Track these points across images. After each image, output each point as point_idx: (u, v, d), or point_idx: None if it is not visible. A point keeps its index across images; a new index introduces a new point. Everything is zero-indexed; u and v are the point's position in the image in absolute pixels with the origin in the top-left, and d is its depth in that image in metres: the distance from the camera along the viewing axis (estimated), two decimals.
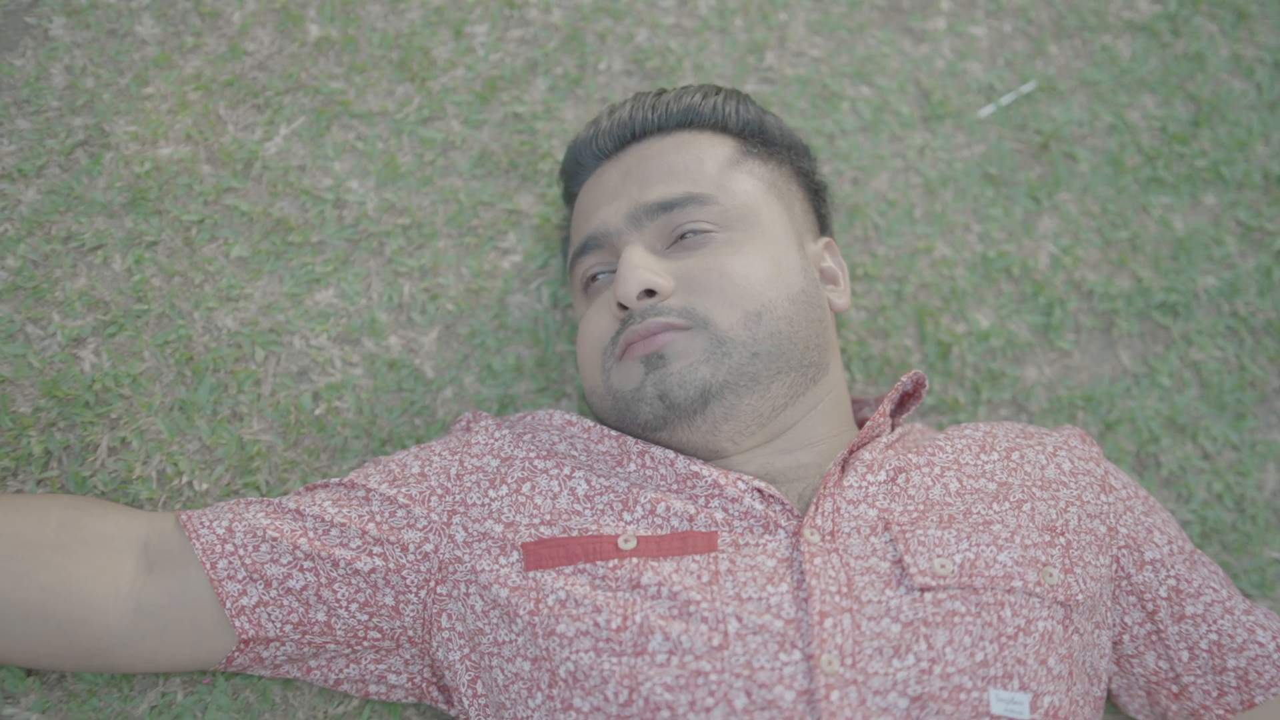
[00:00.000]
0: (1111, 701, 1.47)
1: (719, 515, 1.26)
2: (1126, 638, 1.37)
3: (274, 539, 1.31)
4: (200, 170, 1.58)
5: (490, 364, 1.59)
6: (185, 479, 1.48)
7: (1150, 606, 1.36)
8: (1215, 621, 1.36)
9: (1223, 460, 1.66)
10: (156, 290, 1.53)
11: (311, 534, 1.31)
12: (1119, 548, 1.35)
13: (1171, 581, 1.36)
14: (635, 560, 1.23)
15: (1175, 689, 1.38)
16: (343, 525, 1.32)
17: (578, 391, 1.60)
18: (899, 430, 1.40)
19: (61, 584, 1.25)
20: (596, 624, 1.20)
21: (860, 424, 1.49)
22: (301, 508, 1.33)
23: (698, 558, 1.23)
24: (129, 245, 1.54)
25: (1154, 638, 1.37)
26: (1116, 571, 1.35)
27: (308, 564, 1.30)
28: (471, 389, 1.58)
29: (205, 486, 1.48)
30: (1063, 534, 1.29)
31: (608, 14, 1.73)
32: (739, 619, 1.17)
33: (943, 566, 1.22)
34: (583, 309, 1.43)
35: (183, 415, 1.50)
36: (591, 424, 1.38)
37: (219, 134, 1.60)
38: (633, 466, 1.33)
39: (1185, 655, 1.36)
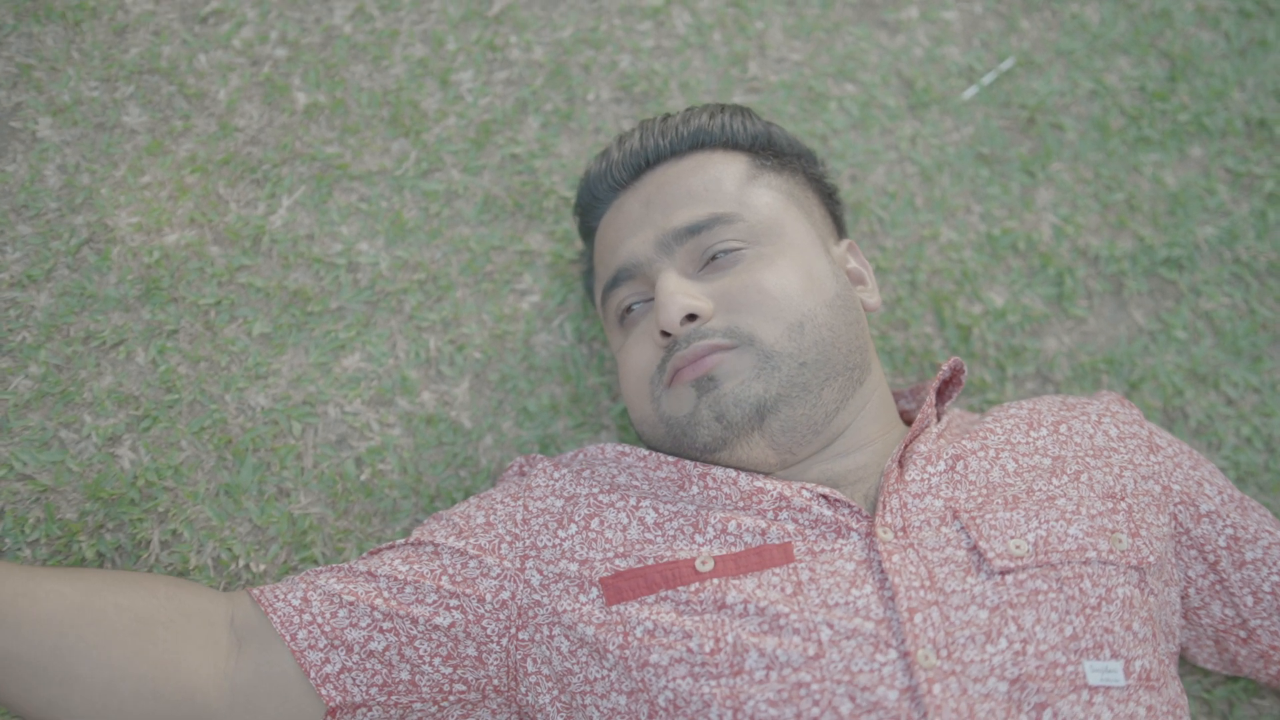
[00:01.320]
0: (1181, 654, 1.51)
1: (790, 526, 1.29)
2: (1192, 590, 1.42)
3: (350, 603, 1.32)
4: (209, 252, 1.60)
5: (525, 406, 1.61)
6: (241, 562, 1.49)
7: (1212, 558, 1.40)
8: (1276, 563, 1.40)
9: (1246, 404, 1.71)
10: (184, 378, 1.54)
11: (387, 594, 1.33)
12: (1175, 505, 1.39)
13: (1229, 530, 1.40)
14: (716, 581, 1.26)
15: (1243, 634, 1.42)
16: (416, 582, 1.33)
17: (616, 423, 1.63)
18: (945, 418, 1.44)
19: (172, 661, 1.25)
20: (689, 649, 1.22)
21: (902, 417, 1.53)
22: (373, 569, 1.35)
23: (777, 570, 1.26)
24: (150, 337, 1.55)
25: (1218, 587, 1.41)
26: (1176, 529, 1.39)
27: (387, 624, 1.32)
28: (511, 434, 1.60)
29: (262, 567, 1.49)
30: (1123, 499, 1.33)
31: (588, 44, 1.75)
32: (830, 626, 1.20)
33: (1018, 547, 1.25)
34: (620, 341, 1.45)
35: (230, 499, 1.51)
36: (647, 452, 1.40)
37: (222, 214, 1.62)
38: (695, 489, 1.35)
39: (1250, 600, 1.40)
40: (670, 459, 1.38)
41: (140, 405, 1.53)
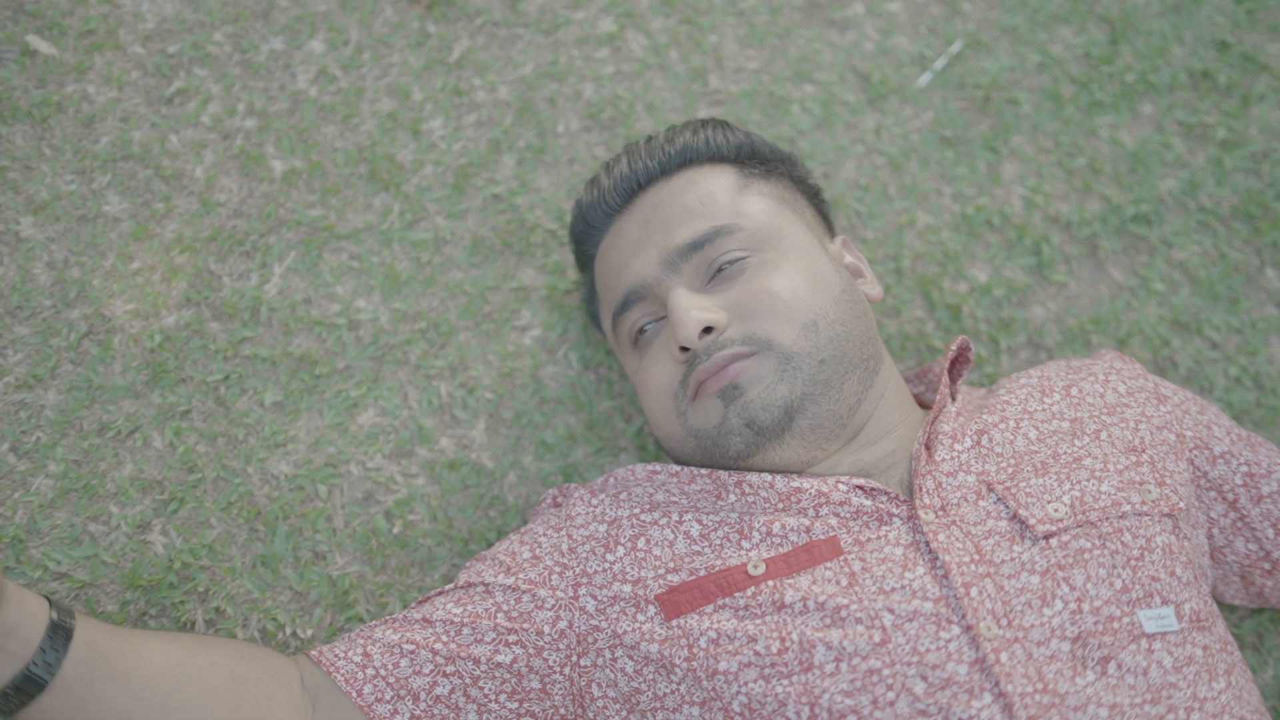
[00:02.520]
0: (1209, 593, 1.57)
1: (833, 520, 1.34)
2: (1215, 530, 1.48)
3: (411, 651, 1.35)
4: (209, 329, 1.62)
5: (543, 439, 1.65)
6: (288, 630, 1.51)
7: (1230, 496, 1.46)
8: None
9: (1231, 346, 1.78)
10: (204, 456, 1.56)
11: (445, 638, 1.36)
12: (1190, 450, 1.45)
13: (1244, 468, 1.46)
14: (771, 583, 1.30)
15: (1267, 566, 1.49)
16: (473, 623, 1.36)
17: (633, 444, 1.67)
18: (960, 397, 1.49)
19: (265, 716, 1.28)
20: (757, 653, 1.26)
21: (916, 400, 1.58)
22: (428, 616, 1.38)
23: (829, 564, 1.30)
24: (163, 420, 1.57)
25: (1239, 524, 1.47)
26: (1194, 473, 1.45)
27: (449, 668, 1.35)
28: (533, 468, 1.63)
29: (309, 632, 1.52)
30: (1144, 451, 1.39)
31: (550, 78, 1.79)
32: (891, 611, 1.25)
33: (1056, 510, 1.31)
34: (635, 363, 1.49)
35: (267, 570, 1.53)
36: (678, 468, 1.44)
37: (217, 289, 1.64)
38: (733, 498, 1.39)
39: (1271, 533, 1.47)
40: (703, 471, 1.42)
41: (165, 489, 1.54)
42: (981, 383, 1.74)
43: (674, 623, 1.32)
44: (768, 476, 1.38)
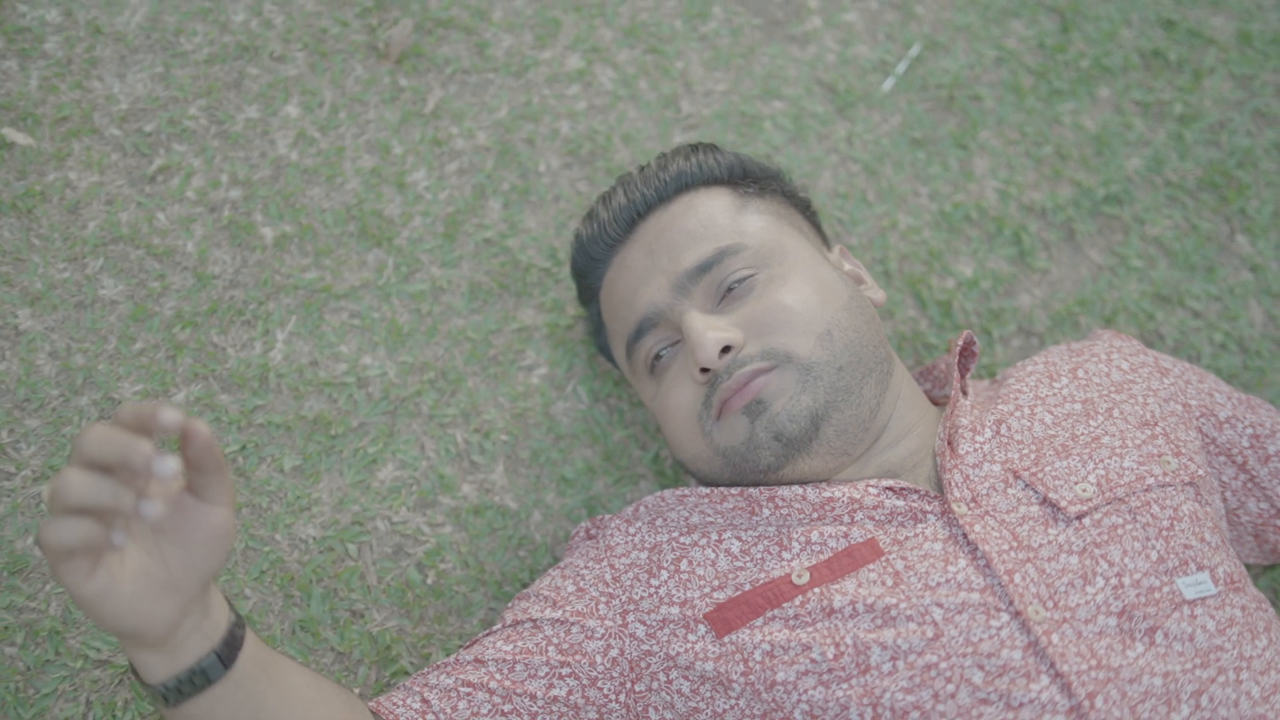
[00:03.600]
0: None
1: (869, 524, 1.38)
2: (1228, 494, 1.53)
3: (467, 693, 1.37)
4: (220, 401, 1.63)
5: (563, 475, 1.67)
6: None
7: (1239, 459, 1.52)
8: None
9: (1212, 313, 1.85)
10: None
11: (499, 676, 1.38)
12: (1197, 419, 1.50)
13: (1250, 430, 1.52)
14: (817, 590, 1.33)
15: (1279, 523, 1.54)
16: (525, 659, 1.39)
17: (651, 470, 1.70)
18: (971, 390, 1.54)
19: None
20: (813, 660, 1.30)
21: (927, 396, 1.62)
22: (479, 656, 1.40)
23: (871, 566, 1.34)
24: None
25: (1250, 485, 1.53)
26: (1203, 441, 1.50)
27: (507, 706, 1.37)
28: (556, 504, 1.66)
29: (357, 691, 1.53)
30: (1156, 424, 1.44)
31: (525, 119, 1.83)
32: (939, 605, 1.29)
33: (1084, 490, 1.35)
34: (653, 390, 1.52)
35: (308, 634, 1.55)
36: (707, 489, 1.47)
37: (223, 362, 1.65)
38: (767, 512, 1.43)
39: None
40: (733, 490, 1.45)
41: None
42: (979, 374, 1.79)
43: (726, 639, 1.35)
44: (798, 489, 1.42)
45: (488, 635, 1.44)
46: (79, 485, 0.98)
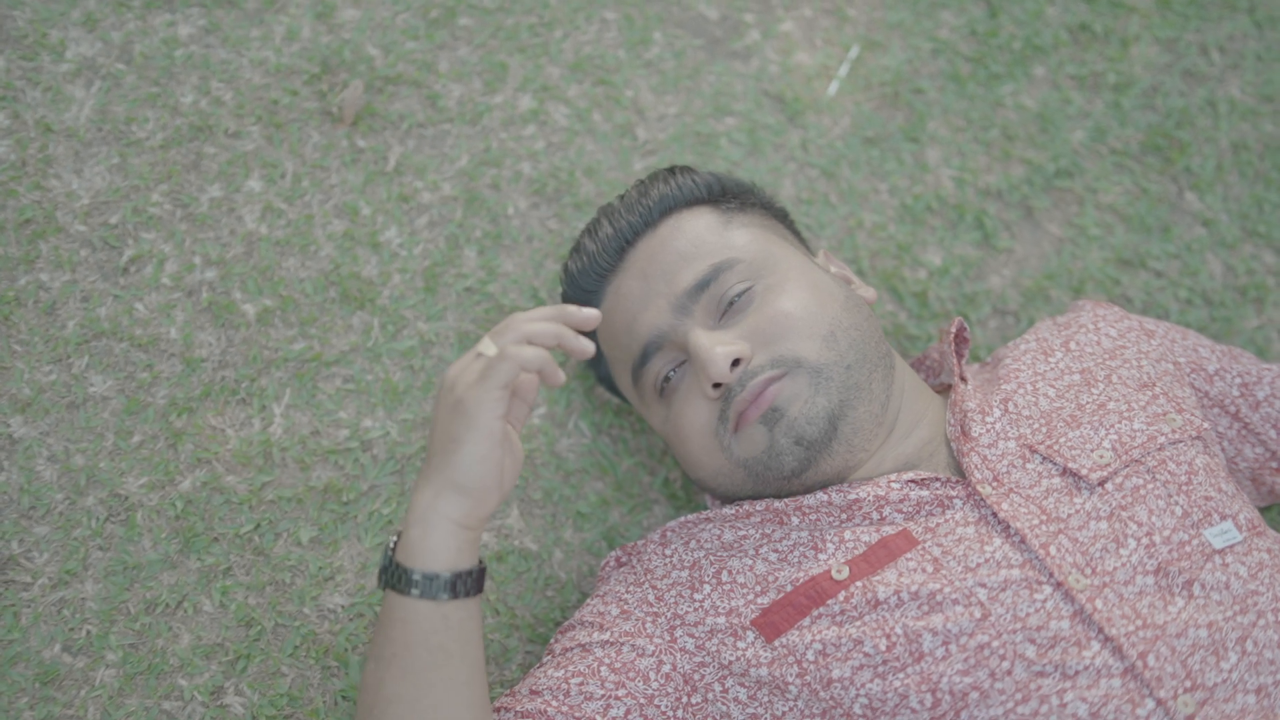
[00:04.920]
0: None
1: (897, 517, 1.42)
2: (1225, 443, 1.60)
3: None
4: (227, 483, 1.64)
5: (578, 510, 1.70)
6: None
7: (1232, 409, 1.59)
8: None
9: (1173, 271, 1.92)
10: (257, 608, 1.58)
11: (555, 703, 1.40)
12: (1188, 375, 1.57)
13: (1238, 380, 1.59)
14: (859, 584, 1.37)
15: (1275, 465, 1.61)
16: (580, 681, 1.41)
17: (663, 494, 1.73)
18: (970, 375, 1.59)
19: None
20: (866, 654, 1.33)
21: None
22: (533, 687, 1.42)
23: (909, 556, 1.38)
24: (207, 583, 1.59)
25: (1244, 432, 1.59)
26: (1197, 396, 1.57)
27: None
28: (575, 540, 1.69)
29: None
30: (1154, 384, 1.51)
31: (487, 165, 1.86)
32: (983, 585, 1.33)
33: (1102, 457, 1.41)
34: (663, 413, 1.54)
35: (350, 703, 1.56)
36: (731, 509, 1.50)
37: (224, 443, 1.66)
38: (796, 520, 1.46)
39: (1274, 433, 1.59)
40: (758, 505, 1.48)
41: (228, 650, 1.56)
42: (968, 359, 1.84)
43: (776, 643, 1.38)
44: (822, 496, 1.45)
45: (539, 667, 1.46)
46: (536, 317, 1.31)
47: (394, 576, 1.31)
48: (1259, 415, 1.59)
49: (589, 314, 1.31)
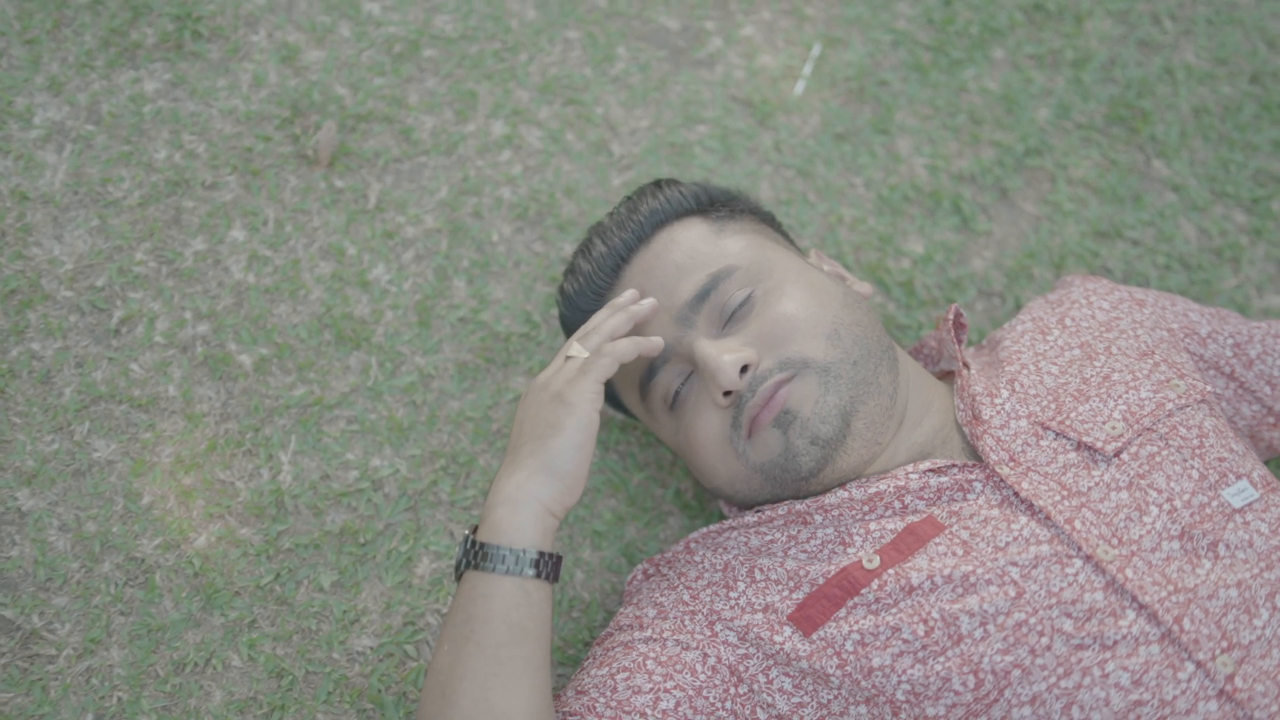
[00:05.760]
0: None
1: (920, 505, 1.44)
2: (1223, 403, 1.64)
3: (581, 718, 1.39)
4: (242, 536, 1.64)
5: (594, 530, 1.72)
6: None
7: (1227, 369, 1.62)
8: (1273, 348, 1.63)
9: (1149, 239, 1.96)
10: (286, 658, 1.59)
11: (604, 698, 1.40)
12: (1182, 340, 1.61)
13: (1230, 341, 1.63)
14: (891, 571, 1.40)
15: (1272, 420, 1.65)
16: (626, 677, 1.42)
17: (675, 505, 1.75)
18: (970, 359, 1.62)
19: None
20: (905, 640, 1.36)
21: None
22: (579, 686, 1.43)
23: (937, 540, 1.40)
24: (233, 637, 1.59)
25: (1240, 390, 1.63)
26: (1194, 360, 1.61)
27: None
28: (594, 559, 1.70)
29: None
30: (1153, 353, 1.54)
31: (467, 194, 1.87)
32: (1014, 564, 1.36)
33: (1114, 428, 1.44)
34: (674, 425, 1.56)
35: None
36: (753, 516, 1.52)
37: (234, 496, 1.66)
38: (819, 519, 1.48)
39: (1268, 389, 1.63)
40: (779, 509, 1.50)
41: (261, 703, 1.56)
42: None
43: (814, 637, 1.40)
44: (842, 493, 1.47)
45: (580, 670, 1.47)
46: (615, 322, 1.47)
47: (477, 555, 1.35)
48: (1253, 373, 1.63)
49: (649, 304, 1.49)
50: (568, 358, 1.45)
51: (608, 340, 1.45)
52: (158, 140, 1.83)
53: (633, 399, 1.60)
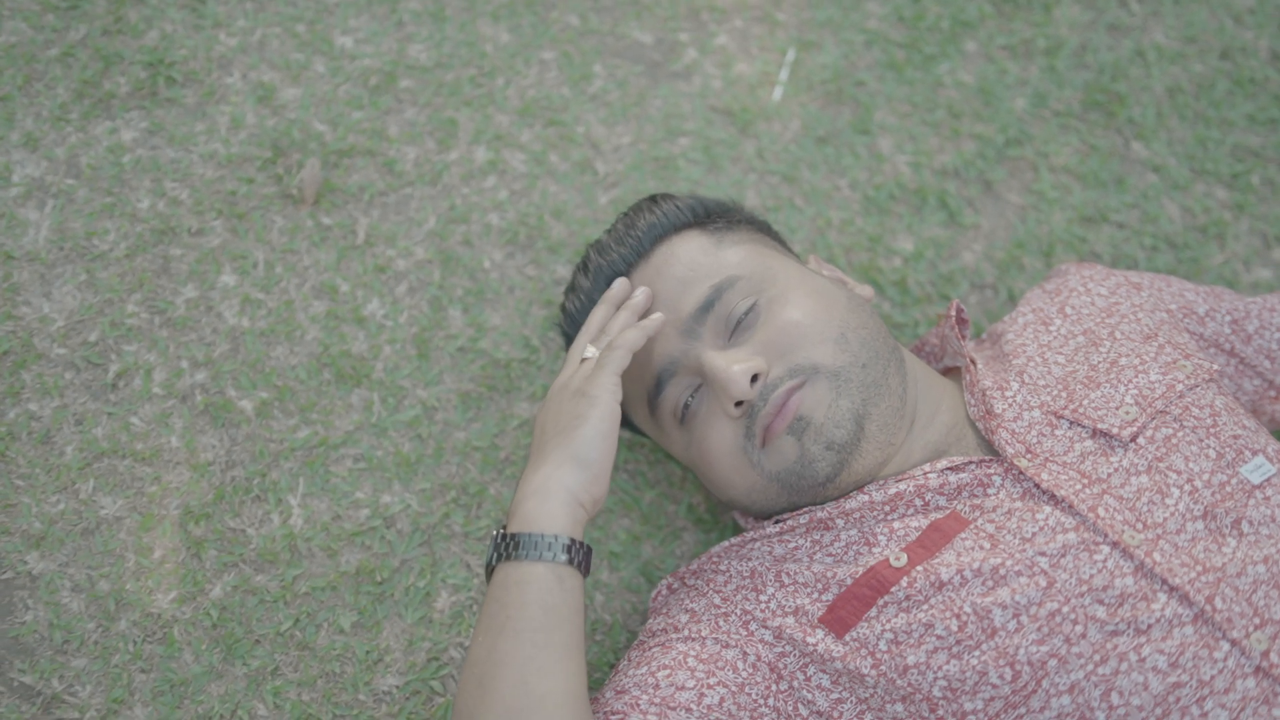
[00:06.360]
0: None
1: (942, 502, 1.45)
2: (1225, 380, 1.66)
3: (624, 716, 1.38)
4: (257, 583, 1.63)
5: (610, 551, 1.72)
6: None
7: (1227, 346, 1.65)
8: (1270, 322, 1.65)
9: (1134, 221, 1.98)
10: (312, 703, 1.58)
11: (646, 695, 1.40)
12: (1182, 321, 1.63)
13: (1228, 317, 1.65)
14: (920, 568, 1.40)
15: (1273, 393, 1.67)
16: (667, 674, 1.41)
17: (689, 521, 1.76)
18: (974, 352, 1.63)
19: None
20: (938, 636, 1.36)
21: None
22: (618, 687, 1.42)
23: (963, 535, 1.41)
24: (258, 687, 1.58)
25: (1242, 366, 1.65)
26: (1194, 340, 1.63)
27: None
28: (613, 580, 1.70)
29: None
30: (1156, 335, 1.56)
31: (455, 222, 1.87)
32: (1043, 554, 1.37)
33: (1127, 413, 1.46)
34: (685, 439, 1.56)
35: None
36: (775, 527, 1.52)
37: (247, 544, 1.65)
38: (841, 523, 1.49)
39: (1267, 363, 1.65)
40: (800, 517, 1.51)
41: None
42: None
43: (847, 638, 1.40)
44: (863, 496, 1.48)
45: (616, 672, 1.46)
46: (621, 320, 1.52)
47: (509, 546, 1.36)
48: (1252, 348, 1.65)
49: (644, 292, 1.54)
50: (582, 360, 1.50)
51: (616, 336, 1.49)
52: (140, 189, 1.82)
53: (642, 415, 1.61)
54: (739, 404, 1.48)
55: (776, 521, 1.53)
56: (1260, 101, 2.07)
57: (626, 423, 1.68)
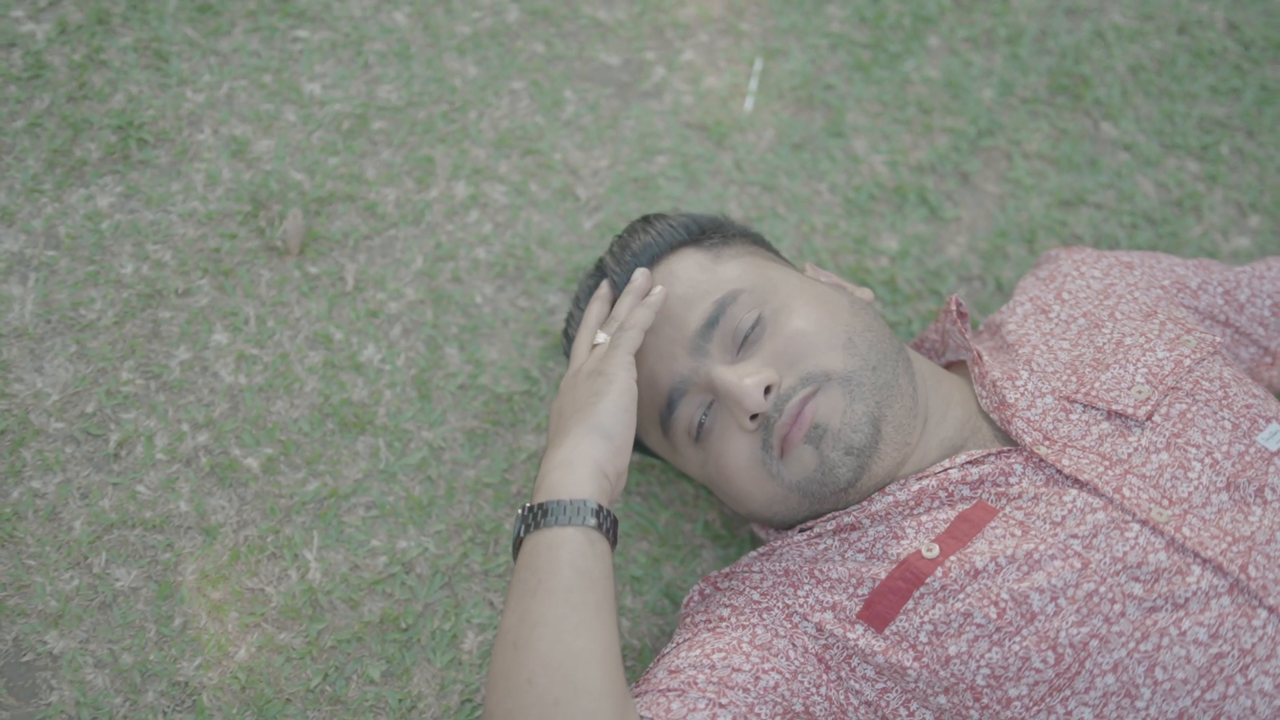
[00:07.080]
0: None
1: (966, 493, 1.47)
2: (1225, 351, 1.69)
3: (678, 693, 1.38)
4: (282, 641, 1.63)
5: (631, 575, 1.72)
6: None
7: (1222, 317, 1.68)
8: (1260, 290, 1.68)
9: (1110, 200, 2.02)
10: None
11: (704, 675, 1.40)
12: (1176, 296, 1.65)
13: (1220, 289, 1.68)
14: (953, 558, 1.41)
15: (1269, 359, 1.70)
16: (723, 656, 1.41)
17: (706, 538, 1.76)
18: (979, 347, 1.65)
19: None
20: (978, 625, 1.38)
21: None
22: (671, 667, 1.42)
23: (993, 524, 1.43)
24: None
25: (1238, 335, 1.69)
26: (1191, 313, 1.65)
27: (723, 699, 1.37)
28: (637, 605, 1.71)
29: None
30: (1155, 312, 1.59)
31: (442, 260, 1.87)
32: (1075, 536, 1.39)
33: (1140, 392, 1.48)
34: (700, 457, 1.56)
35: None
36: (798, 534, 1.54)
37: (266, 603, 1.65)
38: (868, 523, 1.50)
39: (1261, 330, 1.68)
40: (827, 523, 1.52)
41: None
42: None
43: (887, 632, 1.41)
44: (886, 498, 1.49)
45: (661, 657, 1.46)
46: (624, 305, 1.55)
47: (536, 515, 1.37)
48: (1245, 317, 1.68)
49: (642, 274, 1.57)
50: (593, 346, 1.53)
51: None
52: (122, 255, 1.81)
53: (655, 437, 1.61)
54: (754, 417, 1.49)
55: (801, 530, 1.54)
56: (1221, 72, 2.11)
57: (638, 445, 1.68)
